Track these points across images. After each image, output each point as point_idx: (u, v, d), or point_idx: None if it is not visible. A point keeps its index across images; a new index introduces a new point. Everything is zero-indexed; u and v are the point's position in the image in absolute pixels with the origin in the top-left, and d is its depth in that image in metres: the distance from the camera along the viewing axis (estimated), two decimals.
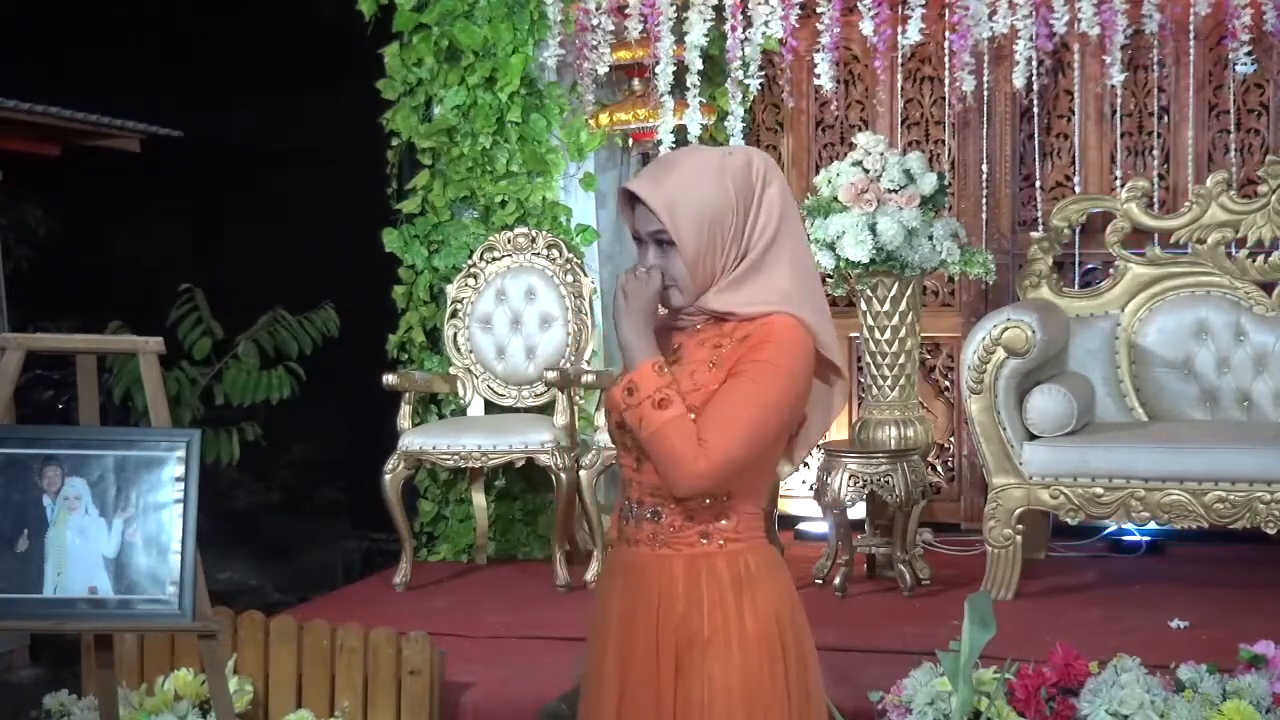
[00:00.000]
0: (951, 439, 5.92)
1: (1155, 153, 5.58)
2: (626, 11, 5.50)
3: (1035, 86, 5.49)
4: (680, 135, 5.60)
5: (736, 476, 2.40)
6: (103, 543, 2.96)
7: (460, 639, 4.47)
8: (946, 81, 5.57)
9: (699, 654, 2.41)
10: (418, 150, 5.86)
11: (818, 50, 5.43)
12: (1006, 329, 4.75)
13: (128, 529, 2.96)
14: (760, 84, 5.68)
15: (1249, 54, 5.08)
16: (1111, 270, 5.42)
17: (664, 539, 2.45)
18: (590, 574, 5.13)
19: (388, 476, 5.21)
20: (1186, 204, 5.30)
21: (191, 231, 8.34)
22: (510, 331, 5.67)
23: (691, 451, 2.33)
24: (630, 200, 2.45)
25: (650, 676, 2.43)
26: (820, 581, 5.05)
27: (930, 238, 4.90)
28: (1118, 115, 5.60)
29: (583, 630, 2.63)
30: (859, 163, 4.96)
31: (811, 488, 5.45)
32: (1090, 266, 5.66)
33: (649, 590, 2.44)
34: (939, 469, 5.91)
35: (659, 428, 2.35)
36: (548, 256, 5.66)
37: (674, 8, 5.48)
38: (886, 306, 5.02)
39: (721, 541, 2.44)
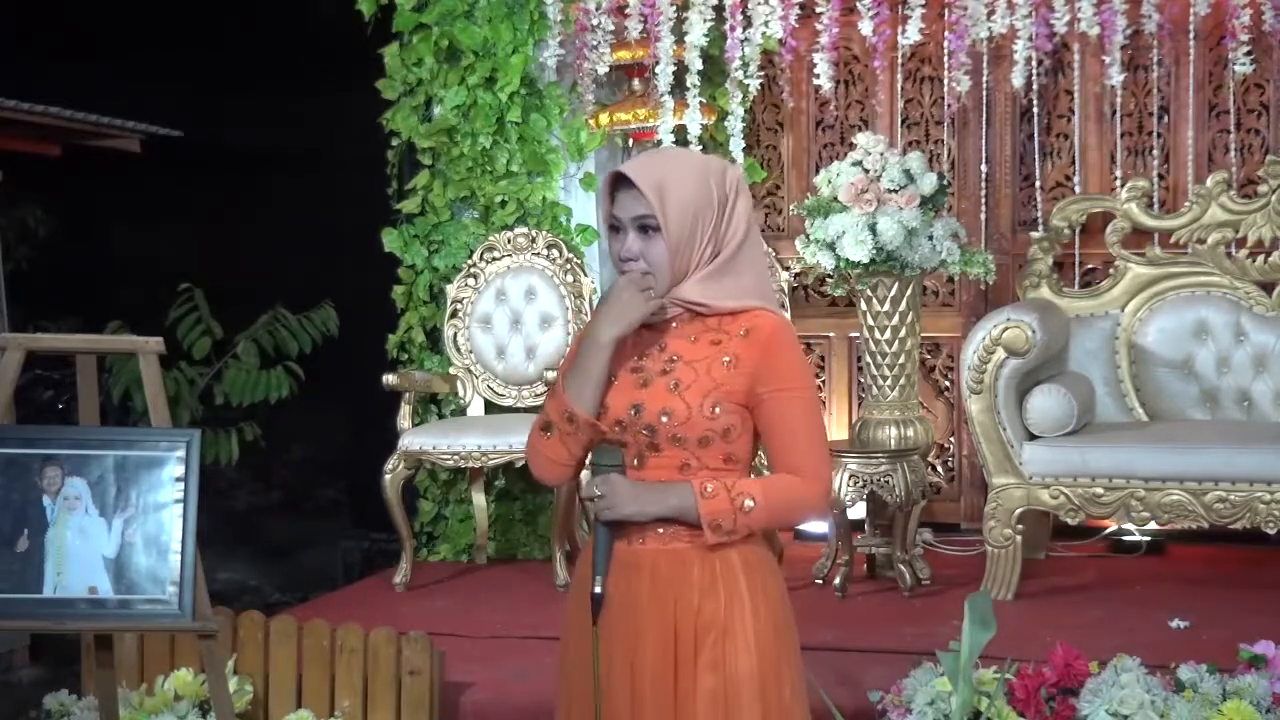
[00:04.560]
0: (951, 439, 5.92)
1: (1155, 153, 5.57)
2: (626, 11, 5.50)
3: (1035, 86, 5.49)
4: (680, 135, 5.60)
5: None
6: (103, 543, 2.95)
7: (460, 639, 4.46)
8: (946, 81, 5.57)
9: (716, 642, 2.48)
10: (418, 150, 5.86)
11: (816, 50, 5.43)
12: (1006, 329, 4.75)
13: (128, 529, 2.96)
14: (760, 84, 5.68)
15: (1248, 54, 5.08)
16: (1111, 270, 5.42)
17: (678, 535, 2.50)
18: None
19: (388, 476, 5.21)
20: (1186, 204, 5.30)
21: (191, 231, 8.34)
22: (510, 331, 5.67)
23: (801, 492, 2.49)
24: (612, 188, 2.54)
25: (667, 670, 2.48)
26: (820, 581, 5.05)
27: (930, 238, 4.90)
28: (1118, 115, 5.59)
29: None
30: (859, 163, 4.96)
31: None
32: (1090, 266, 5.66)
33: (663, 585, 2.49)
34: (939, 469, 5.91)
35: (769, 516, 2.47)
36: (548, 256, 5.66)
37: (674, 8, 5.48)
38: (886, 306, 5.02)
39: None
